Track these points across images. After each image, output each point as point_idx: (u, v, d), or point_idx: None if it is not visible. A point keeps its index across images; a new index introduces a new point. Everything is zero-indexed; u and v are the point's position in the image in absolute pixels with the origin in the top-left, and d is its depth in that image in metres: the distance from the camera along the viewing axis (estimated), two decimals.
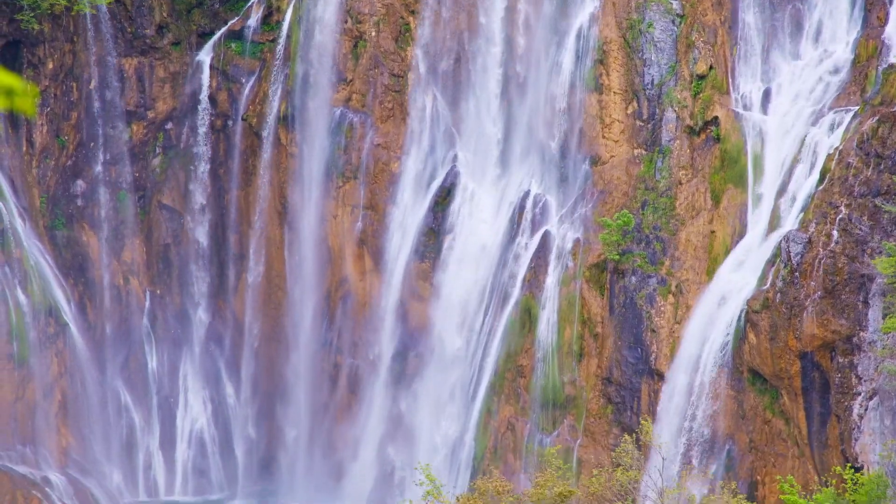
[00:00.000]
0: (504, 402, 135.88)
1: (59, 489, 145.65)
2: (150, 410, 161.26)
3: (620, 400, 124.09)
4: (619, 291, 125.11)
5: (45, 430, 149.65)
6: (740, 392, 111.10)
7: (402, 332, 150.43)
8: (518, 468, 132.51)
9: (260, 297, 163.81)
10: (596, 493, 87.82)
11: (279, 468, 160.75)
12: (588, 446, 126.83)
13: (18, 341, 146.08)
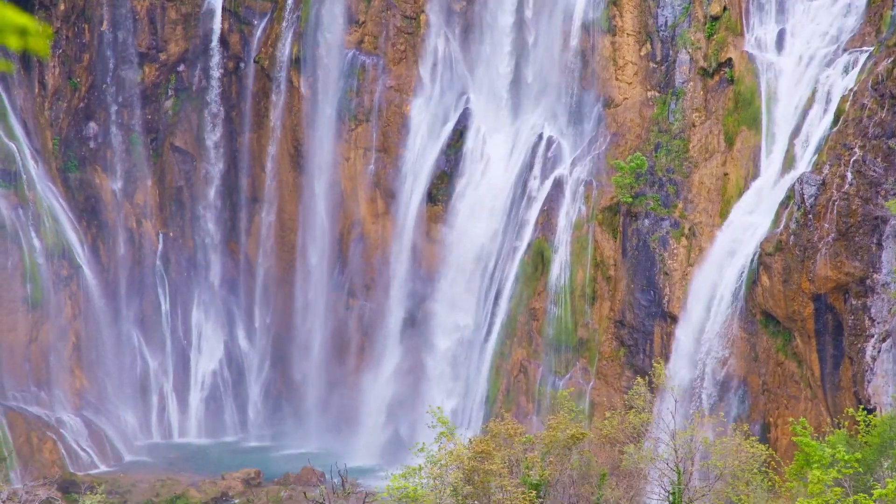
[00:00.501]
0: (516, 345, 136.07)
1: (73, 430, 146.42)
2: (163, 353, 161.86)
3: (633, 342, 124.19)
4: (631, 234, 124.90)
5: (60, 372, 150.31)
6: (753, 334, 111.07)
7: (414, 275, 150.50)
8: (530, 410, 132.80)
9: (272, 239, 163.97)
10: (608, 436, 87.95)
11: (292, 411, 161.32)
12: (600, 389, 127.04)
13: (32, 284, 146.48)
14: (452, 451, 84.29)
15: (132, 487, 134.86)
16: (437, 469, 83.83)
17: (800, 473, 72.63)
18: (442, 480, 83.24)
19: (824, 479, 63.96)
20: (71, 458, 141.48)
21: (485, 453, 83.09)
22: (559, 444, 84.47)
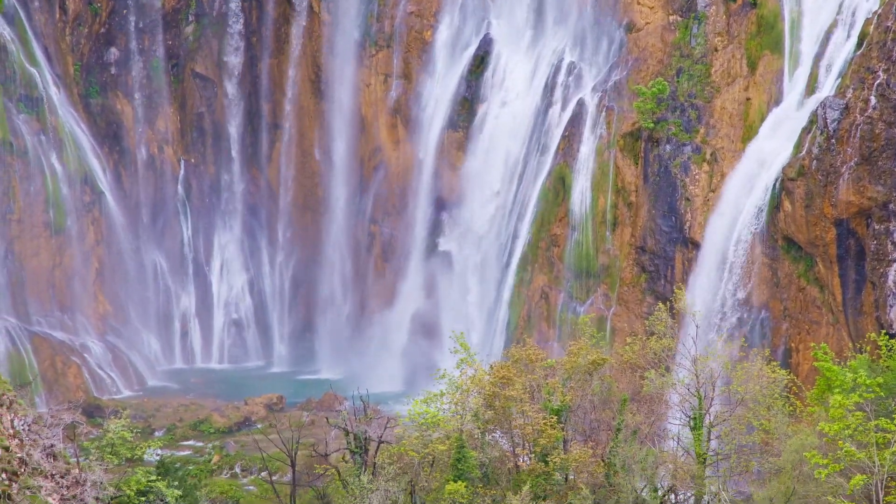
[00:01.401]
0: (537, 272, 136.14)
1: (96, 355, 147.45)
2: (185, 279, 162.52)
3: (654, 268, 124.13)
4: (653, 160, 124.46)
5: (83, 297, 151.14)
6: (775, 260, 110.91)
7: (435, 201, 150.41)
8: (551, 336, 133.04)
9: (293, 166, 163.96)
10: (629, 361, 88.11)
11: (314, 336, 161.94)
12: (621, 315, 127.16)
13: (55, 209, 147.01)
14: (473, 377, 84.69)
15: (156, 412, 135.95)
16: (458, 394, 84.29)
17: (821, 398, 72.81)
18: (463, 406, 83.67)
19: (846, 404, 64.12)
20: (95, 382, 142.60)
21: (506, 379, 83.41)
22: (580, 369, 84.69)
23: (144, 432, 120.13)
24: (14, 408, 62.43)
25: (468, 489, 76.32)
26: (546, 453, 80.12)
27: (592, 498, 75.59)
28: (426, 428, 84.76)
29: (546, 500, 78.35)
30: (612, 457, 78.94)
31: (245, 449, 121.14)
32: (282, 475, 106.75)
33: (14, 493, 58.94)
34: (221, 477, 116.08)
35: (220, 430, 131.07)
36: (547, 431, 79.63)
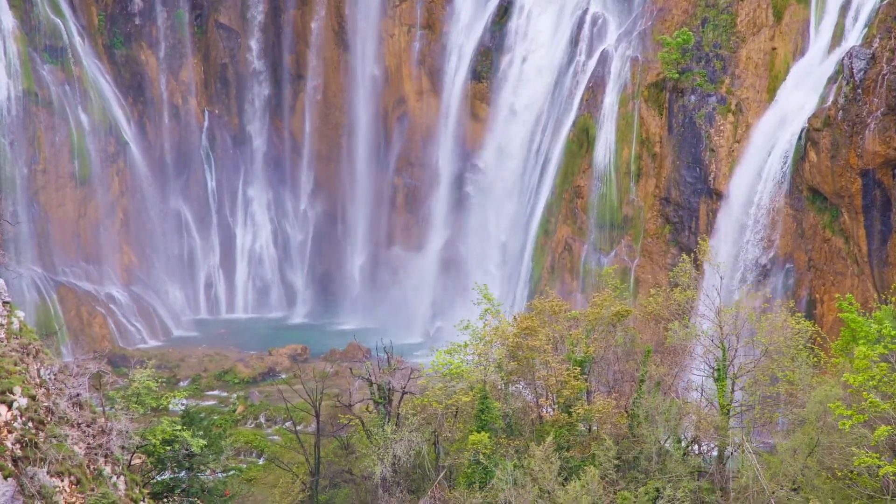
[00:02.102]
0: (561, 223, 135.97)
1: (122, 306, 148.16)
2: (210, 230, 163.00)
3: (678, 220, 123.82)
4: (677, 111, 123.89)
5: (108, 247, 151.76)
6: (799, 211, 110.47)
7: (459, 153, 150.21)
8: (575, 288, 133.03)
9: (317, 117, 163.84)
10: (653, 313, 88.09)
11: (338, 288, 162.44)
12: (645, 266, 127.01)
13: (80, 160, 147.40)
14: (497, 328, 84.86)
15: (181, 362, 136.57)
16: (481, 345, 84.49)
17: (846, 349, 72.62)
18: (486, 357, 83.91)
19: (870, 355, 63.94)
20: (120, 332, 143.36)
21: (529, 330, 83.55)
22: (603, 320, 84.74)
23: (169, 382, 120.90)
24: (40, 357, 62.84)
25: (491, 440, 76.62)
26: (569, 404, 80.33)
27: (616, 449, 75.77)
28: (450, 379, 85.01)
29: (569, 450, 78.60)
30: (636, 408, 79.06)
31: (269, 399, 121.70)
32: (306, 425, 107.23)
33: (41, 442, 59.40)
34: (246, 427, 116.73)
35: (245, 380, 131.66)
36: (570, 382, 79.81)
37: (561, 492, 70.34)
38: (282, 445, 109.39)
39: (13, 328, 62.24)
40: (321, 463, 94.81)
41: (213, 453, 71.97)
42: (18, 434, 58.87)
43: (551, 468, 71.95)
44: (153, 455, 71.54)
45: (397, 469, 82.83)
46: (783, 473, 71.56)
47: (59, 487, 60.07)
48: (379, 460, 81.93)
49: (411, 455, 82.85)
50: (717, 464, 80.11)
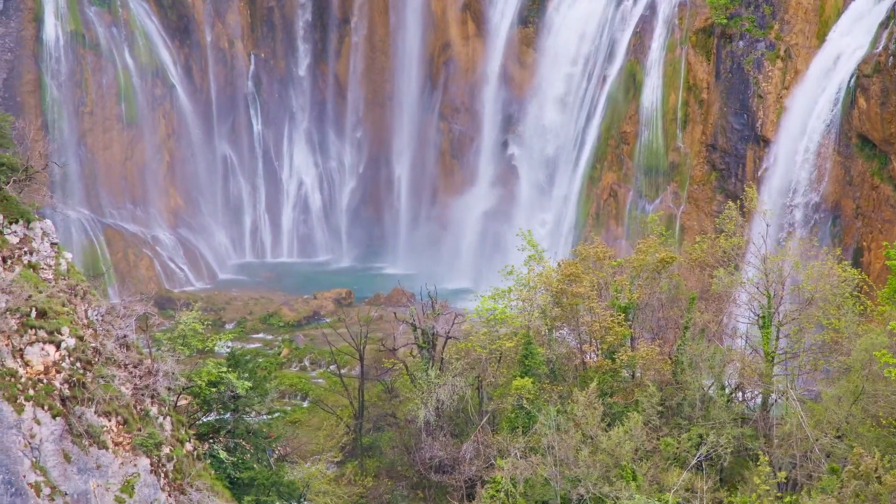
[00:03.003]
0: (607, 169, 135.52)
1: (168, 248, 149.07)
2: (256, 174, 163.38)
3: (725, 166, 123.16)
4: (725, 56, 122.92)
5: (155, 190, 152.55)
6: (848, 158, 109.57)
7: (505, 98, 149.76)
8: (620, 234, 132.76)
9: (363, 61, 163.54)
10: (698, 260, 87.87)
11: (383, 232, 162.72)
12: (691, 213, 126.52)
13: (126, 103, 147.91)
14: (541, 274, 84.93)
15: (226, 305, 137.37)
16: (525, 291, 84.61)
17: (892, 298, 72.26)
18: (530, 303, 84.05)
19: None
20: (167, 275, 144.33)
21: (574, 276, 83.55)
22: (648, 267, 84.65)
23: (215, 325, 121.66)
24: (88, 298, 63.37)
25: (535, 385, 76.82)
26: (613, 350, 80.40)
27: (659, 395, 75.83)
28: (494, 324, 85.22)
29: (613, 396, 78.74)
30: (680, 355, 79.03)
31: (314, 342, 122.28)
32: (350, 369, 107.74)
33: (88, 382, 60.00)
34: (290, 370, 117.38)
35: (290, 323, 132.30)
36: (614, 329, 79.84)
37: (604, 437, 70.52)
38: (326, 389, 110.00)
39: (61, 269, 62.79)
40: (365, 406, 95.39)
41: (258, 395, 72.47)
42: (66, 374, 59.51)
43: (594, 414, 72.11)
44: (199, 396, 72.13)
45: (441, 413, 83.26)
46: (827, 421, 71.46)
47: (106, 427, 60.72)
48: (422, 404, 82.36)
49: (455, 399, 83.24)
50: (760, 411, 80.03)
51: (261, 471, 70.65)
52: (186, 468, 64.74)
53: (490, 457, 76.97)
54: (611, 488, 67.95)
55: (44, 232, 63.10)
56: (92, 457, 59.94)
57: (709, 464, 73.50)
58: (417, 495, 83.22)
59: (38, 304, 59.23)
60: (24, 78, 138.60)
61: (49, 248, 62.55)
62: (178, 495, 63.11)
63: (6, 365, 57.74)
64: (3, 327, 57.78)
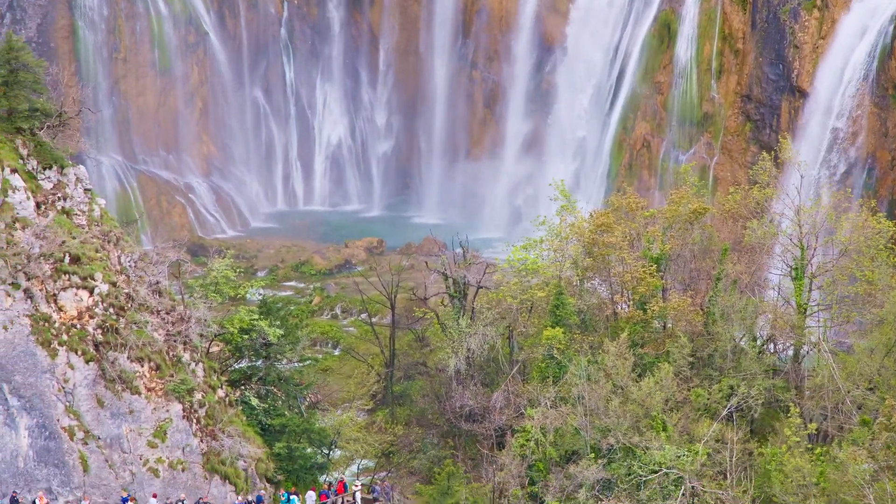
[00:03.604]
0: (640, 119, 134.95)
1: (201, 195, 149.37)
2: (288, 122, 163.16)
3: (759, 117, 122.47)
4: (761, 6, 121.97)
5: (188, 137, 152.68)
6: (884, 109, 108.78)
7: (538, 47, 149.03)
8: (653, 185, 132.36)
9: (395, 9, 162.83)
10: (731, 211, 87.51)
11: (415, 182, 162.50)
12: (724, 164, 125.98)
13: (160, 50, 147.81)
14: (573, 224, 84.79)
15: (258, 253, 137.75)
16: (557, 241, 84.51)
17: None
18: (562, 253, 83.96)
19: None
20: (199, 222, 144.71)
21: (605, 226, 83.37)
22: (681, 218, 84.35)
23: (247, 272, 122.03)
24: (121, 245, 63.75)
25: (566, 335, 76.86)
26: (644, 301, 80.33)
27: (690, 346, 75.77)
28: (525, 274, 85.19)
29: (643, 347, 78.73)
30: (712, 306, 78.89)
31: (345, 291, 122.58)
32: (381, 317, 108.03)
33: (121, 328, 60.46)
34: (322, 318, 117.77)
35: (321, 271, 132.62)
36: (646, 279, 79.72)
37: (634, 388, 70.57)
38: (357, 337, 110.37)
39: (94, 215, 63.16)
40: (396, 355, 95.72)
41: (290, 343, 72.80)
42: (100, 319, 59.97)
43: (625, 364, 72.14)
44: (231, 343, 72.53)
45: (471, 362, 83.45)
46: (859, 373, 71.32)
47: (139, 372, 61.25)
48: (453, 353, 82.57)
49: (485, 349, 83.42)
50: (792, 363, 79.91)
51: (292, 418, 71.06)
52: (218, 414, 65.26)
53: (520, 406, 77.15)
54: (641, 438, 68.07)
55: (77, 178, 63.45)
56: (125, 402, 60.54)
57: (739, 415, 73.50)
58: (447, 443, 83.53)
59: (71, 249, 59.65)
60: (57, 23, 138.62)
61: (82, 194, 62.91)
62: (210, 441, 63.66)
63: (40, 310, 58.24)
64: (37, 272, 58.25)
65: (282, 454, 68.82)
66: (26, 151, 61.07)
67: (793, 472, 64.17)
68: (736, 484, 67.08)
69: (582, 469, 68.33)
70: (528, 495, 72.00)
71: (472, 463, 79.03)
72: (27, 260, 57.30)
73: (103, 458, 58.57)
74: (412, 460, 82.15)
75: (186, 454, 61.61)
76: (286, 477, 69.16)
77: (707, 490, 66.36)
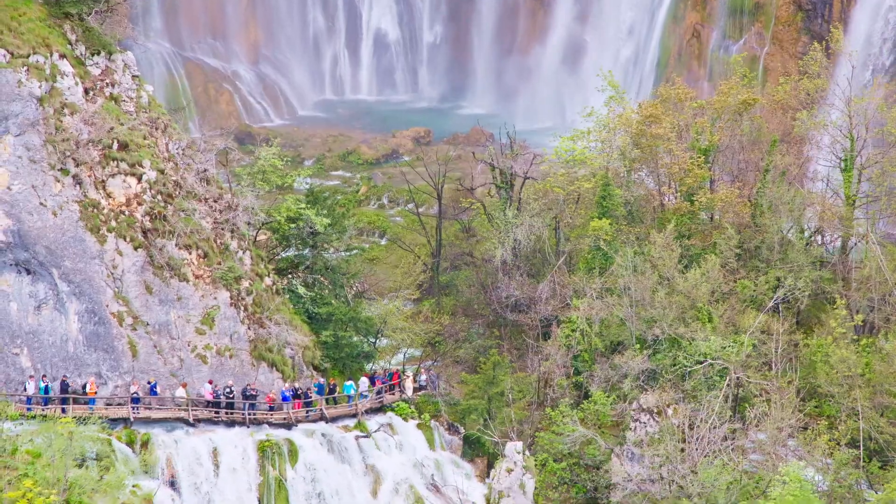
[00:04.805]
0: (690, 9, 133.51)
1: (248, 83, 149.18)
2: (335, 9, 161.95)
3: (811, 6, 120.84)
4: None
5: (235, 24, 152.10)
6: None
7: None
8: (702, 75, 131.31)
9: None
10: (781, 101, 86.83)
11: (463, 71, 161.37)
12: (775, 54, 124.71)
13: None
14: (621, 115, 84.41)
15: (305, 142, 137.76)
16: (605, 132, 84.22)
17: None
18: (610, 144, 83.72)
19: None
20: (246, 110, 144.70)
21: (654, 117, 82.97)
22: (730, 109, 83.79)
23: (294, 161, 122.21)
24: (169, 132, 63.92)
25: (612, 226, 76.90)
26: (692, 192, 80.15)
27: (737, 238, 75.71)
28: (572, 165, 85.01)
29: (690, 238, 78.70)
30: (759, 197, 78.64)
31: (392, 181, 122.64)
32: (428, 207, 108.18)
33: (169, 215, 60.84)
34: (369, 207, 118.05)
35: (368, 161, 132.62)
36: (694, 171, 79.45)
37: (680, 279, 70.71)
38: (404, 227, 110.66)
39: (142, 102, 63.29)
40: (442, 245, 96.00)
41: (337, 232, 73.06)
42: (148, 206, 60.36)
43: (671, 255, 72.22)
44: (278, 232, 72.88)
45: (517, 253, 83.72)
46: None
47: (186, 260, 61.72)
48: (500, 244, 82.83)
49: (532, 239, 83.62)
50: (839, 254, 79.79)
51: (339, 306, 71.52)
52: (265, 302, 65.83)
53: (566, 297, 77.50)
54: (686, 329, 68.37)
55: (125, 64, 63.51)
56: (173, 288, 61.13)
57: (785, 306, 73.62)
58: (493, 333, 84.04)
59: (119, 136, 59.88)
60: None
61: (130, 80, 62.99)
62: (257, 328, 64.29)
63: (89, 196, 58.65)
64: (86, 158, 58.57)
65: (328, 342, 69.39)
66: (74, 37, 61.09)
67: (838, 364, 64.41)
68: (781, 375, 67.40)
69: (627, 360, 68.79)
70: (572, 385, 72.62)
71: (517, 353, 79.60)
72: (76, 146, 57.60)
73: (152, 343, 59.32)
74: (458, 350, 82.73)
75: (234, 341, 62.27)
76: (333, 365, 69.85)
77: (752, 381, 66.72)
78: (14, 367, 56.66)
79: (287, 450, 60.30)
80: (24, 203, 56.09)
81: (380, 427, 65.44)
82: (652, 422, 65.55)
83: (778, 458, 58.95)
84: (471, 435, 69.63)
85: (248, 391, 61.06)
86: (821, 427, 61.44)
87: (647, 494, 59.87)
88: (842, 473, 58.04)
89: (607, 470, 65.65)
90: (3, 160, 55.87)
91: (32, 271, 56.72)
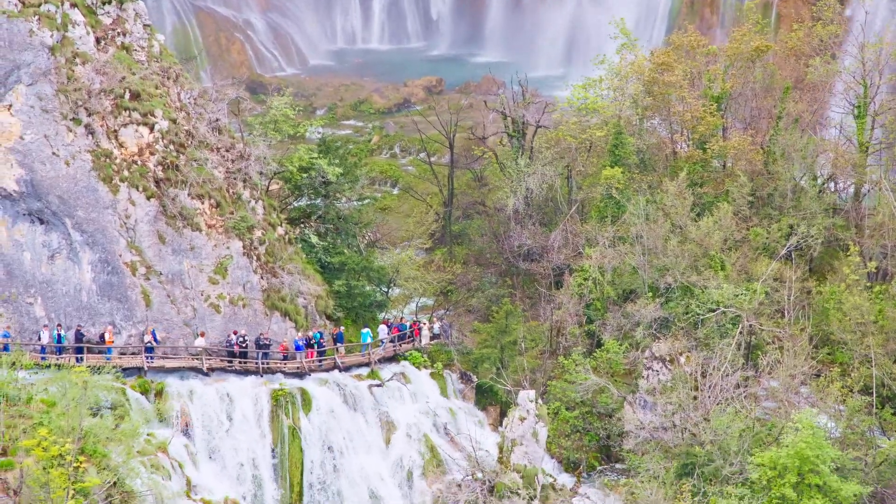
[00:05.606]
0: None
1: (259, 32, 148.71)
2: None
3: None
4: None
5: None
6: None
7: None
8: (714, 23, 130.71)
9: None
10: (794, 48, 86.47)
11: (474, 20, 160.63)
12: (788, 0, 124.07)
13: None
14: (633, 63, 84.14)
15: (317, 91, 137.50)
16: (617, 80, 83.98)
17: None
18: (622, 92, 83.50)
19: None
20: (258, 59, 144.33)
21: (666, 65, 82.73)
22: (742, 56, 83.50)
23: (306, 110, 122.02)
24: (180, 81, 63.78)
25: (624, 175, 76.80)
26: (704, 140, 79.99)
27: (750, 186, 75.61)
28: (584, 113, 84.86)
29: (703, 186, 78.59)
30: (772, 145, 78.48)
31: (404, 130, 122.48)
32: (440, 156, 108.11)
33: (182, 165, 60.82)
34: (381, 157, 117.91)
35: (380, 110, 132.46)
36: (706, 118, 79.28)
37: (693, 227, 70.70)
38: (416, 176, 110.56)
39: (154, 52, 63.13)
40: (454, 194, 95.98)
41: (349, 182, 73.04)
42: (160, 156, 60.34)
43: (684, 204, 72.18)
44: (290, 181, 72.88)
45: (529, 202, 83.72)
46: None
47: (199, 209, 61.74)
48: (512, 193, 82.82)
49: (544, 188, 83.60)
50: (852, 201, 79.68)
51: (351, 256, 71.63)
52: (278, 252, 65.90)
53: (578, 245, 77.57)
54: (699, 277, 68.44)
55: (136, 13, 63.29)
56: (186, 238, 61.20)
57: (798, 254, 73.58)
58: (506, 282, 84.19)
59: (131, 85, 59.76)
60: None
61: (142, 29, 62.79)
62: (270, 278, 64.41)
63: (101, 146, 58.65)
64: (98, 108, 58.50)
65: (341, 292, 69.53)
66: None
67: (851, 311, 64.41)
68: (794, 322, 67.46)
69: (639, 308, 68.92)
70: (585, 333, 72.79)
71: (529, 301, 79.74)
72: (88, 95, 57.51)
73: (165, 293, 59.45)
74: (470, 299, 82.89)
75: (247, 290, 62.41)
76: (346, 314, 70.03)
77: (765, 328, 66.79)
78: (28, 317, 56.91)
79: (300, 398, 60.60)
80: (37, 153, 56.14)
81: (393, 376, 65.80)
82: (664, 370, 65.76)
83: (790, 405, 59.07)
84: (483, 384, 69.94)
85: (262, 340, 61.25)
86: (833, 374, 61.49)
87: (659, 442, 60.09)
88: (854, 420, 58.08)
89: (620, 418, 65.95)
90: (16, 110, 55.90)
91: (45, 221, 56.84)
